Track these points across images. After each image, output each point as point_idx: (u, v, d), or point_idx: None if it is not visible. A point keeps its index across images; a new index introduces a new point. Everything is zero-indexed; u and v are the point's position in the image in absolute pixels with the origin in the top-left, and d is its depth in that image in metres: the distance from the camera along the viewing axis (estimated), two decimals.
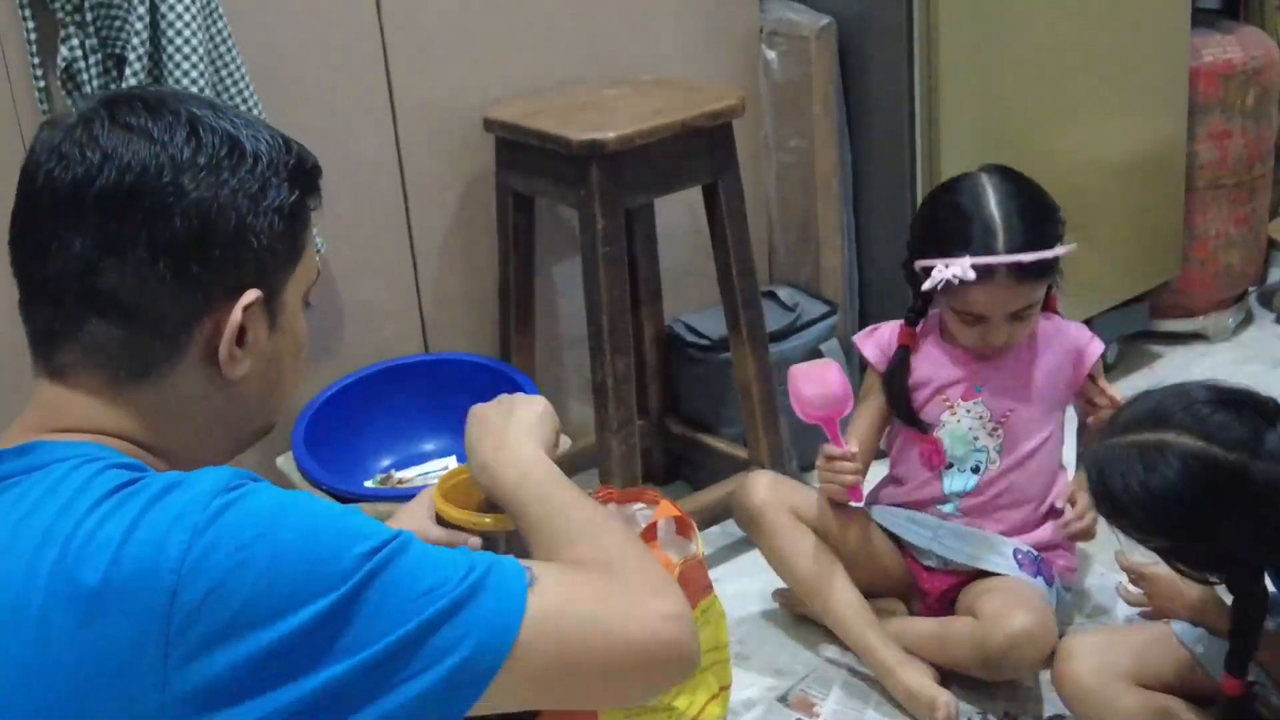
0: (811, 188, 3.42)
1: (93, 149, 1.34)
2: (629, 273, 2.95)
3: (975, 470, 2.76)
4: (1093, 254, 3.63)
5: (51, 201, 1.35)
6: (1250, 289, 4.16)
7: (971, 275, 2.58)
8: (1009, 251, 2.59)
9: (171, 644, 1.20)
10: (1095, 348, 2.82)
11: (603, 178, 2.75)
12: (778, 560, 2.82)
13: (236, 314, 1.38)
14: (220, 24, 2.55)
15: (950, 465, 2.77)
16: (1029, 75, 3.34)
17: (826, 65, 3.31)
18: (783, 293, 3.44)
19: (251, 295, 1.39)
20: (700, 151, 2.91)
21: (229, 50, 2.57)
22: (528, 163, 2.94)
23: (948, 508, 2.79)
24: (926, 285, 2.62)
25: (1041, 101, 3.39)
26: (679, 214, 3.28)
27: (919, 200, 3.25)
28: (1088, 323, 3.64)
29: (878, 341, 2.87)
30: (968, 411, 2.75)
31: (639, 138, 2.76)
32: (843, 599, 2.75)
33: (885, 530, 2.84)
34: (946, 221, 2.68)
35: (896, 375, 2.81)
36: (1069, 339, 2.81)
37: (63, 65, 2.47)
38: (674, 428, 3.45)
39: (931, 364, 2.80)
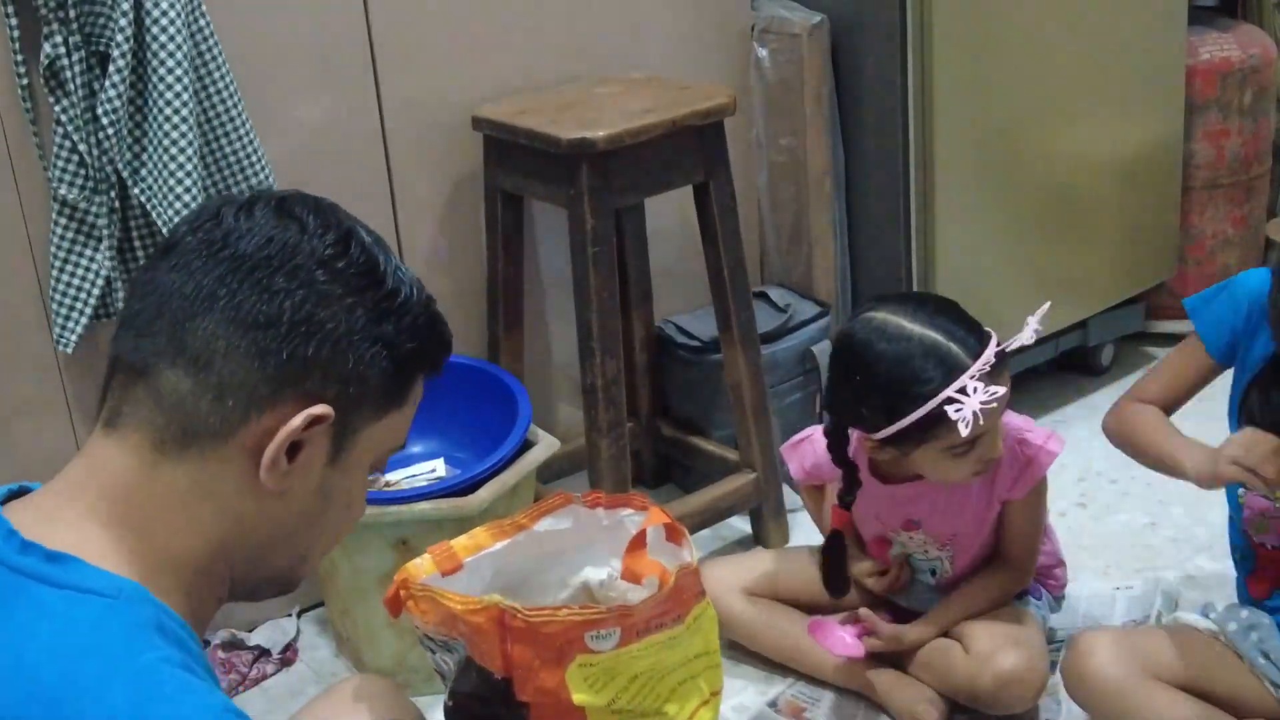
0: (803, 187, 3.40)
1: (246, 218, 1.37)
2: (619, 273, 2.93)
3: (932, 574, 2.71)
4: (1088, 254, 3.62)
5: (187, 248, 1.36)
6: None
7: (1002, 390, 2.35)
8: (970, 352, 2.37)
9: None
10: (1021, 486, 2.60)
11: (592, 177, 2.74)
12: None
13: (298, 420, 1.34)
14: (203, 21, 2.53)
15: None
16: (1023, 73, 3.32)
17: (819, 63, 3.29)
18: (774, 293, 3.43)
19: (321, 409, 1.35)
20: (691, 150, 2.89)
21: (211, 48, 2.55)
22: (516, 162, 2.93)
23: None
24: (967, 433, 2.33)
25: (1036, 100, 3.37)
26: (669, 214, 3.26)
27: (912, 199, 3.24)
28: (1082, 324, 3.64)
29: (801, 459, 2.74)
30: (910, 538, 2.67)
31: (629, 137, 2.74)
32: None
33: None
34: (893, 379, 2.39)
35: (834, 560, 2.64)
36: (1015, 460, 2.57)
37: (46, 63, 2.45)
38: (664, 430, 3.43)
39: (865, 501, 2.63)
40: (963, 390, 2.33)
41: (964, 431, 2.31)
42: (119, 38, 2.43)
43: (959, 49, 3.19)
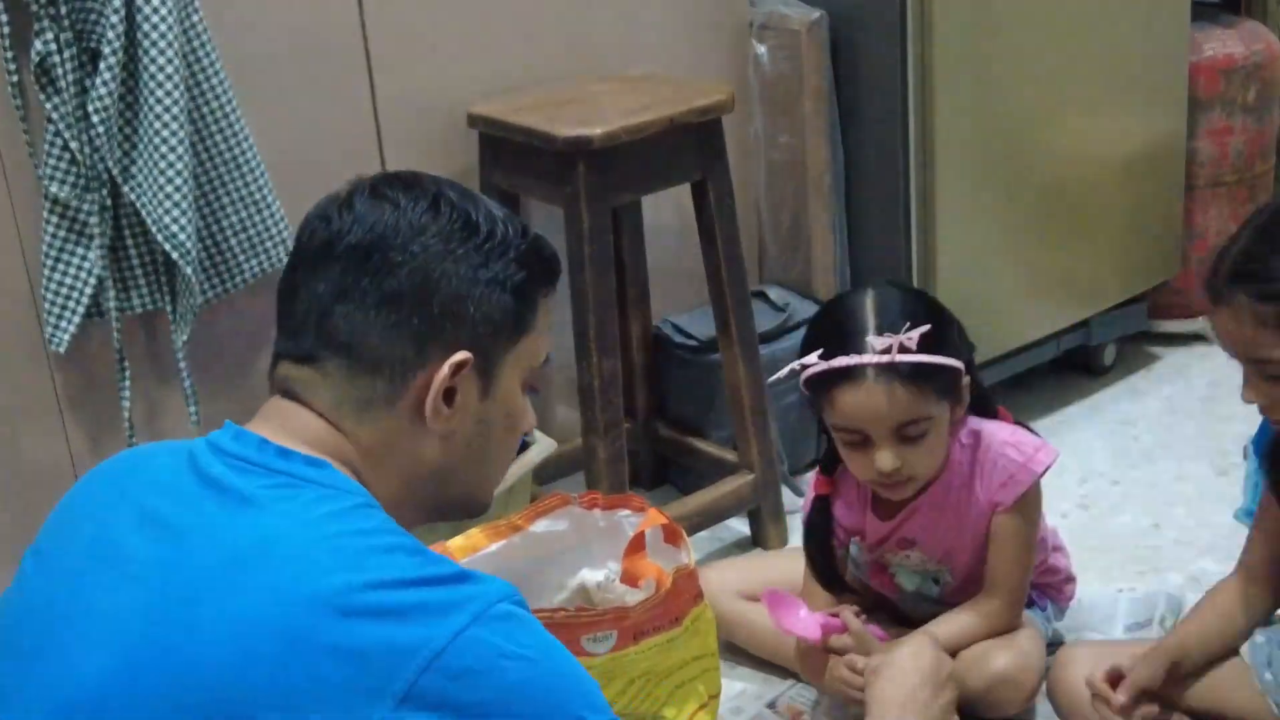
0: (802, 185, 3.38)
1: (349, 212, 1.54)
2: (616, 272, 2.93)
3: (935, 582, 2.64)
4: (1090, 253, 3.61)
5: (310, 253, 1.56)
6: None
7: (812, 361, 2.36)
8: (878, 350, 2.34)
9: (411, 690, 1.33)
10: (1007, 493, 2.51)
11: (589, 175, 2.72)
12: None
13: (444, 370, 1.52)
14: (195, 17, 2.52)
15: (904, 590, 2.66)
16: (1025, 70, 3.30)
17: (817, 60, 3.27)
18: (773, 292, 3.41)
19: (461, 356, 1.53)
20: (688, 148, 2.88)
21: (204, 45, 2.54)
22: (512, 160, 2.91)
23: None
24: (773, 378, 2.43)
25: (1038, 97, 3.35)
26: (667, 212, 3.25)
27: (912, 197, 3.22)
28: (1085, 323, 3.62)
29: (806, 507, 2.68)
30: (907, 557, 2.61)
31: (626, 134, 2.73)
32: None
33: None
34: (816, 326, 2.49)
35: (816, 529, 2.61)
36: (1002, 470, 2.50)
37: (36, 60, 2.44)
38: (662, 430, 3.42)
39: (854, 515, 2.61)
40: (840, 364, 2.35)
41: (781, 373, 2.42)
42: (110, 34, 2.41)
43: (959, 45, 3.17)
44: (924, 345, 2.34)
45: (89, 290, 2.56)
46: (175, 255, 2.51)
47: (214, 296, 2.66)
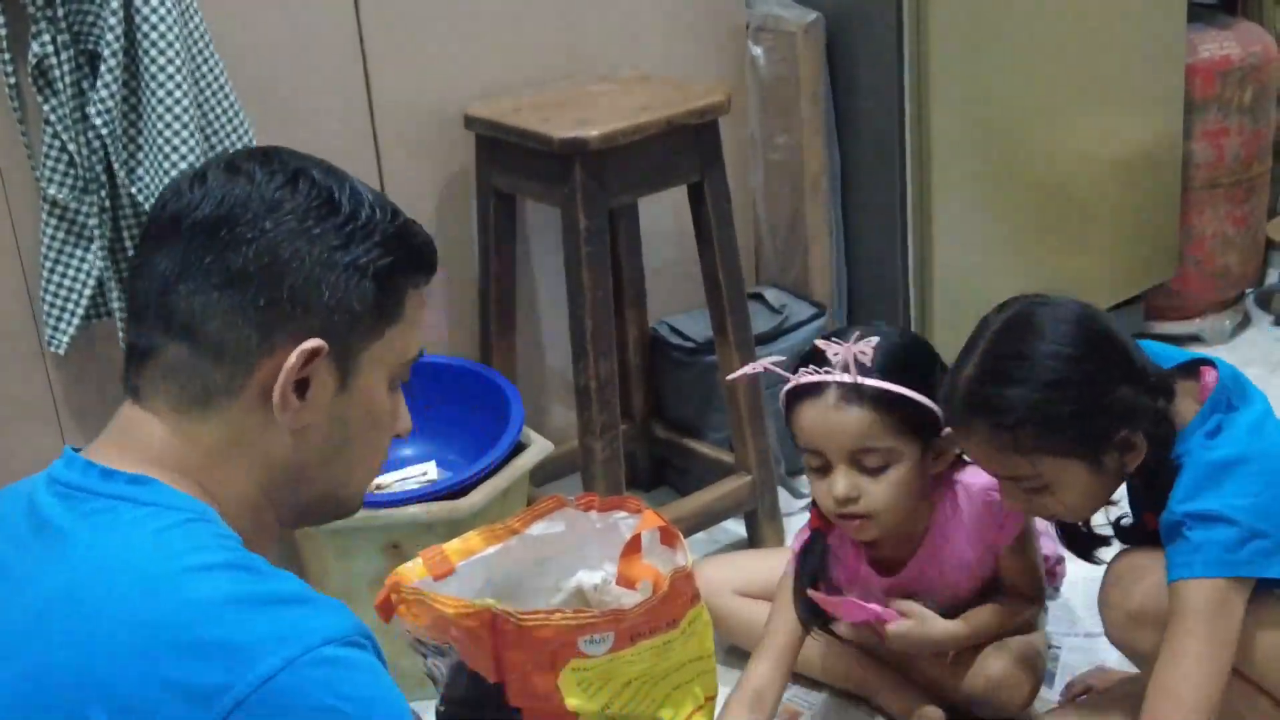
0: (799, 187, 3.38)
1: (200, 186, 1.44)
2: (613, 274, 2.92)
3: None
4: (1086, 254, 3.61)
5: (157, 228, 1.46)
6: (1248, 291, 4.13)
7: (764, 366, 2.37)
8: (847, 369, 2.32)
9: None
10: (1006, 534, 2.52)
11: (586, 176, 2.72)
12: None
13: (293, 358, 1.41)
14: (196, 19, 2.51)
15: None
16: (1021, 71, 3.31)
17: (814, 62, 3.27)
18: (769, 294, 3.41)
19: (313, 344, 1.42)
20: (685, 150, 2.87)
21: (205, 47, 2.53)
22: (509, 161, 2.90)
23: None
24: (731, 377, 2.42)
25: (1034, 98, 3.35)
26: (664, 214, 3.24)
27: (909, 198, 3.22)
28: None
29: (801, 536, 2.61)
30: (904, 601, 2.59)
31: (623, 135, 2.73)
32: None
33: None
34: (808, 348, 2.45)
35: (811, 567, 2.53)
36: (997, 512, 2.48)
37: (34, 62, 2.43)
38: (658, 432, 3.41)
39: (846, 573, 2.60)
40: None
41: (729, 378, 2.48)
42: (109, 36, 2.41)
43: (956, 47, 3.17)
44: (900, 380, 2.34)
45: (88, 292, 2.56)
46: None
47: None
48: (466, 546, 2.28)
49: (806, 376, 2.35)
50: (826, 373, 2.34)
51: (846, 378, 2.32)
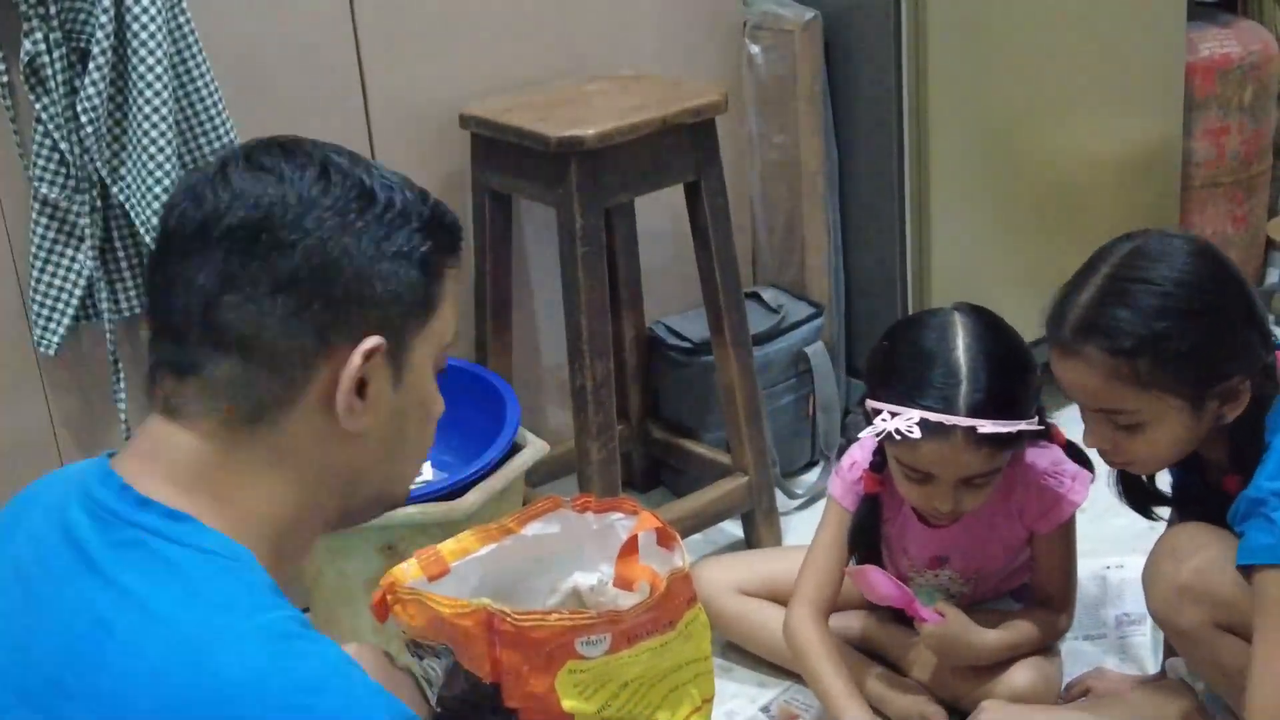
0: (797, 186, 3.37)
1: (224, 188, 1.37)
2: (609, 274, 2.91)
3: (950, 596, 2.66)
4: (1086, 254, 3.58)
5: (181, 238, 1.38)
6: None
7: (915, 434, 2.31)
8: (970, 411, 2.32)
9: None
10: (1047, 522, 2.57)
11: (582, 176, 2.71)
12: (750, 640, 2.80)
13: (355, 359, 1.37)
14: (183, 18, 2.51)
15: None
16: (1020, 70, 3.30)
17: (812, 60, 3.27)
18: (767, 294, 3.41)
19: (373, 341, 1.38)
20: (682, 149, 2.86)
21: (190, 45, 2.52)
22: (505, 160, 2.90)
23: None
24: (865, 433, 2.39)
25: (1033, 97, 3.35)
26: (660, 213, 3.23)
27: (906, 198, 3.21)
28: None
29: (844, 480, 2.65)
30: (935, 575, 2.65)
31: (619, 135, 2.72)
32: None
33: None
34: (905, 361, 2.42)
35: (866, 527, 2.60)
36: (1044, 499, 2.55)
37: (26, 60, 2.42)
38: (655, 433, 3.41)
39: (899, 534, 2.64)
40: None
41: (864, 434, 2.38)
42: (99, 35, 2.40)
43: (954, 45, 3.16)
44: (1009, 403, 2.36)
45: (78, 292, 2.55)
46: None
47: None
48: (462, 547, 2.27)
49: (935, 415, 2.32)
50: (953, 413, 2.32)
51: (969, 422, 2.31)
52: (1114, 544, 3.08)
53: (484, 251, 3.01)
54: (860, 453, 2.62)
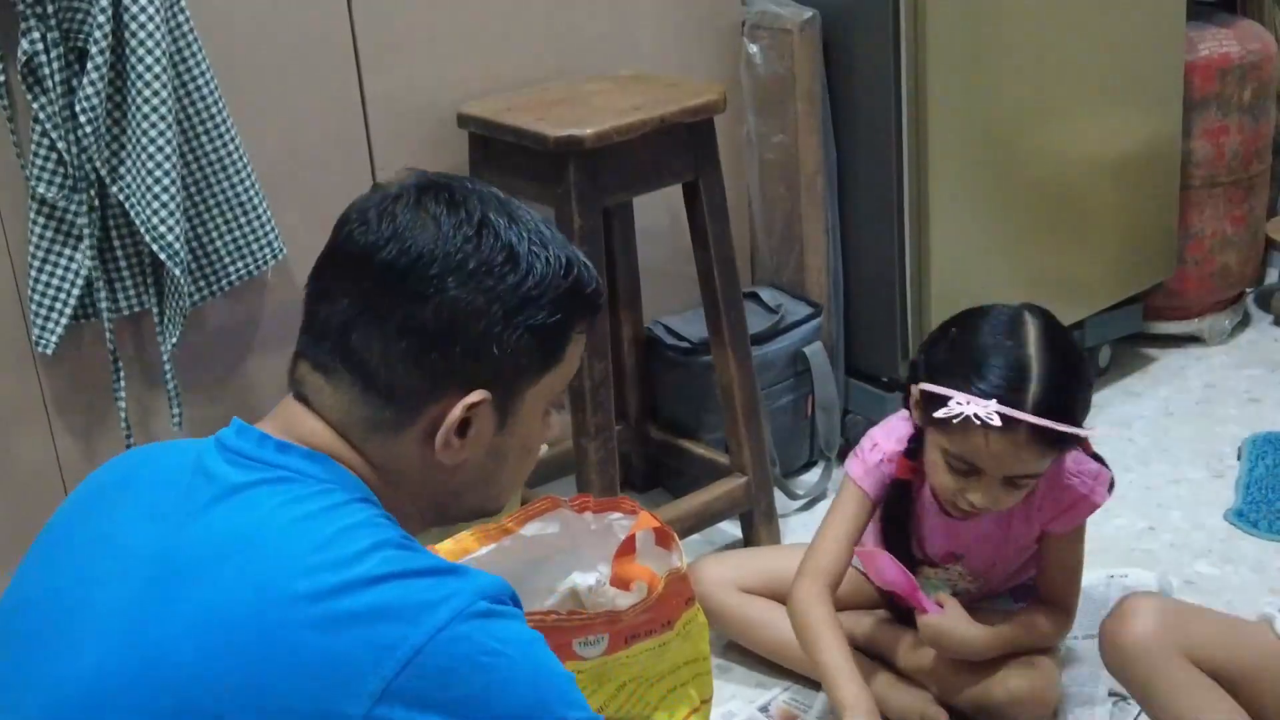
0: (795, 185, 3.36)
1: (389, 222, 1.48)
2: (607, 273, 2.92)
3: (954, 593, 2.66)
4: (1085, 254, 3.59)
5: (343, 256, 1.50)
6: (1247, 290, 4.12)
7: (996, 420, 2.27)
8: (1036, 410, 2.29)
9: (390, 687, 1.32)
10: (1063, 522, 2.57)
11: (580, 176, 2.70)
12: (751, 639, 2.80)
13: (457, 411, 1.48)
14: (182, 17, 2.50)
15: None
16: (1019, 69, 3.29)
17: (810, 59, 3.26)
18: (765, 294, 3.40)
19: (477, 396, 1.48)
20: (680, 148, 2.85)
21: (190, 44, 2.52)
22: (503, 160, 2.89)
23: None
24: (942, 413, 2.31)
25: (1032, 96, 3.34)
26: (658, 213, 3.23)
27: (905, 198, 3.20)
28: (1079, 325, 3.61)
29: (865, 462, 2.60)
30: (946, 570, 2.64)
31: (617, 134, 2.71)
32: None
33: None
34: (975, 352, 2.37)
35: (896, 514, 2.60)
36: (1062, 498, 2.54)
37: (23, 59, 2.41)
38: (653, 433, 3.40)
39: (917, 520, 2.64)
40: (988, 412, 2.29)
41: (943, 413, 2.30)
42: (97, 34, 2.39)
43: (953, 44, 3.15)
44: (1071, 409, 2.35)
45: (76, 291, 2.54)
46: (163, 256, 2.49)
47: (200, 299, 2.64)
48: (460, 547, 2.27)
49: (1003, 410, 2.29)
50: (1012, 404, 2.30)
51: (1041, 421, 2.29)
52: (1113, 544, 3.08)
53: None
54: (882, 435, 2.61)
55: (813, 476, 3.42)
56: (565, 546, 2.33)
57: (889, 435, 2.59)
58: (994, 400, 2.28)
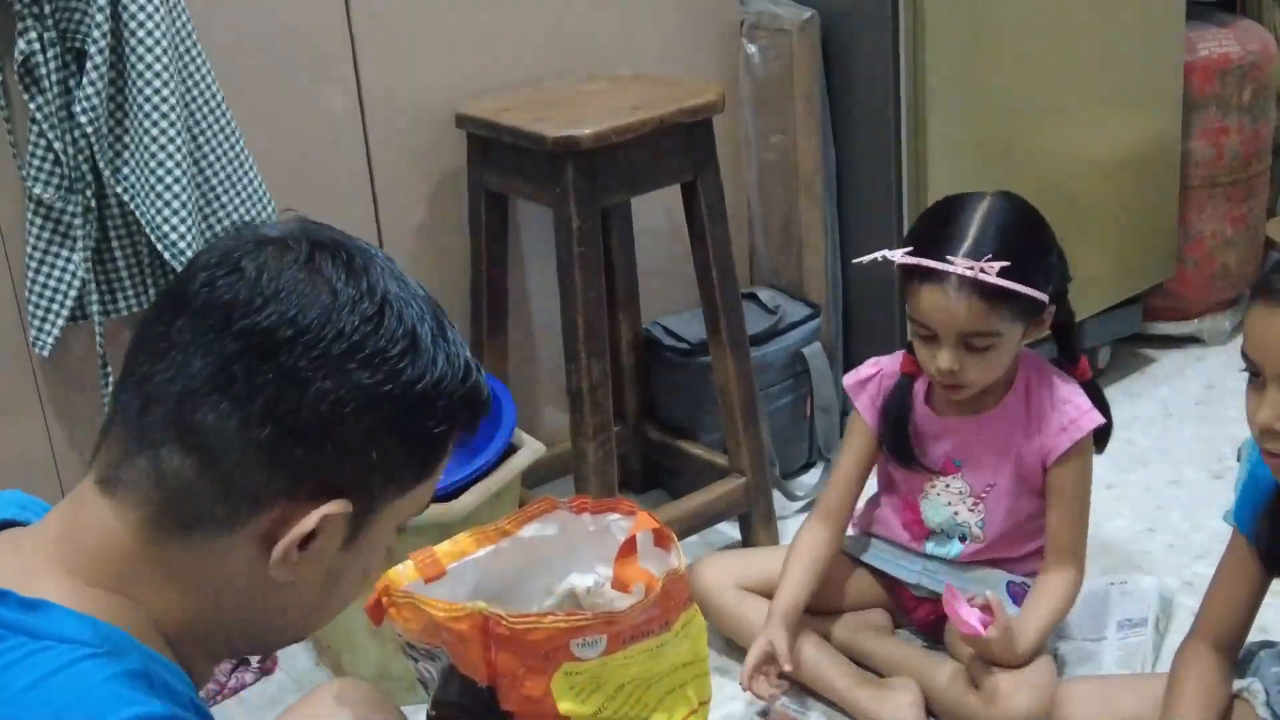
0: (794, 186, 3.36)
1: (269, 278, 1.22)
2: (605, 274, 2.90)
3: (961, 539, 2.70)
4: (1084, 254, 3.58)
5: (200, 306, 1.22)
6: (1247, 291, 4.10)
7: (896, 255, 2.50)
8: (973, 251, 2.44)
9: None
10: (1065, 438, 2.61)
11: (578, 176, 2.70)
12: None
13: (312, 519, 1.23)
14: (184, 18, 2.49)
15: (932, 533, 2.72)
16: (1018, 69, 3.29)
17: (809, 59, 3.25)
18: (764, 294, 3.39)
19: (338, 506, 1.24)
20: (679, 149, 2.85)
21: (192, 46, 2.51)
22: (501, 160, 2.89)
23: (933, 564, 2.74)
24: (861, 259, 2.57)
25: (1031, 97, 3.33)
26: (657, 213, 3.23)
27: (904, 198, 3.21)
28: (1080, 325, 3.60)
29: (869, 392, 2.74)
30: (946, 487, 2.68)
31: (615, 135, 2.71)
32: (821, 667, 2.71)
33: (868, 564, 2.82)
34: (926, 221, 2.61)
35: (896, 406, 2.69)
36: (1061, 416, 2.61)
37: (20, 59, 2.41)
38: (652, 434, 3.39)
39: (916, 420, 2.70)
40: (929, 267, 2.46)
41: (885, 256, 2.51)
42: (96, 34, 2.39)
43: (952, 45, 3.15)
44: (1015, 269, 2.43)
45: (73, 293, 2.54)
46: (168, 255, 2.48)
47: None
48: (458, 549, 2.27)
49: (930, 262, 2.45)
50: (949, 261, 2.43)
51: (969, 271, 2.42)
52: (1113, 545, 3.08)
53: (480, 252, 3.00)
54: (886, 358, 2.76)
55: (811, 477, 3.41)
56: (563, 548, 2.33)
57: (893, 359, 2.73)
58: (912, 249, 2.49)
